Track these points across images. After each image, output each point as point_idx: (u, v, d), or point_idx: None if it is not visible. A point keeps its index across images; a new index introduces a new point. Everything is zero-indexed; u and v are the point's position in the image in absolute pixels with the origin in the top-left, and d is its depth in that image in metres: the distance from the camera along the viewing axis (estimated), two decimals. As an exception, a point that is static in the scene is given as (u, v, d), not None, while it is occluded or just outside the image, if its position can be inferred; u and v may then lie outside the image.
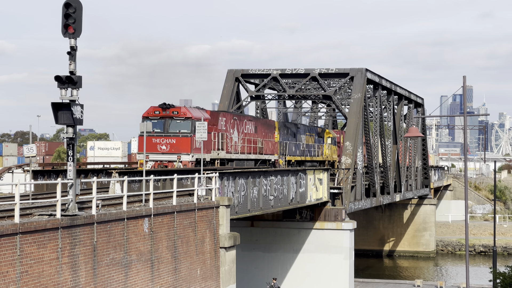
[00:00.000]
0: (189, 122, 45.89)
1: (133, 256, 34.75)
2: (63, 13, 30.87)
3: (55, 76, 31.36)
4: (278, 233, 68.65)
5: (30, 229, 28.20)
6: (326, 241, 68.45)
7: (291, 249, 68.84)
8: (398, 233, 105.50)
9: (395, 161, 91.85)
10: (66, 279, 29.99)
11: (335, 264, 67.61)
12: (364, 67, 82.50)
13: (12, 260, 27.20)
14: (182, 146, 45.82)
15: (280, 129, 64.03)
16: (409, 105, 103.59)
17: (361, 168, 78.90)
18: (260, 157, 57.48)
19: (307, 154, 70.36)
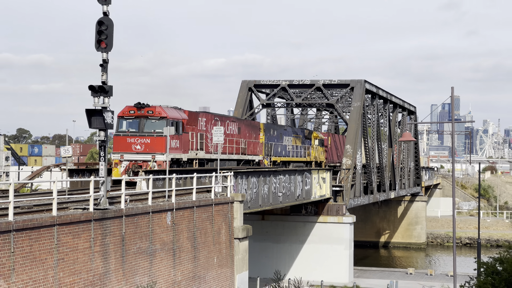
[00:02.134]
0: (164, 122, 42.53)
1: (157, 246, 34.84)
2: (96, 30, 31.01)
3: (89, 85, 31.47)
4: (286, 226, 68.64)
5: (66, 221, 28.33)
6: (328, 233, 68.38)
7: (297, 240, 68.79)
8: (392, 227, 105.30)
9: (390, 162, 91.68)
10: (97, 266, 30.10)
11: (336, 254, 67.49)
12: (363, 79, 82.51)
13: (50, 249, 27.33)
14: (157, 146, 42.61)
15: (265, 130, 61.45)
16: (403, 113, 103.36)
17: (360, 168, 78.91)
18: (243, 157, 54.78)
19: (294, 154, 67.77)
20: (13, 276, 25.29)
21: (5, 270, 24.97)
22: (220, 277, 41.04)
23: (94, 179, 32.19)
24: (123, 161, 41.74)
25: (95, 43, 31.06)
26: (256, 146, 57.24)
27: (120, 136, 42.31)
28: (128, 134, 42.65)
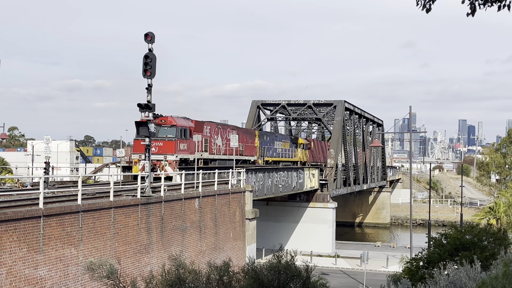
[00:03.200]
0: (174, 129, 40.34)
1: (188, 224, 34.95)
2: (143, 62, 31.10)
3: (137, 103, 31.56)
4: (284, 210, 68.65)
5: (120, 205, 28.48)
6: (316, 215, 68.41)
7: (293, 220, 68.82)
8: (365, 211, 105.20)
9: (363, 162, 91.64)
10: (143, 238, 30.21)
11: (322, 231, 67.53)
12: (343, 99, 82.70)
13: (108, 225, 27.46)
14: (168, 148, 40.05)
15: (259, 136, 59.04)
16: (373, 125, 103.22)
17: (340, 166, 78.91)
18: (241, 158, 51.79)
19: (283, 155, 65.76)
20: (81, 245, 25.43)
21: (75, 241, 25.13)
22: (234, 247, 41.13)
23: (141, 174, 32.42)
24: (141, 160, 39.44)
25: (142, 72, 31.19)
26: (252, 149, 55.35)
27: (139, 140, 39.64)
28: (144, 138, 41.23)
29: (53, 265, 23.76)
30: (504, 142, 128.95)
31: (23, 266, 22.29)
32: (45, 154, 55.91)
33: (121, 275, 9.01)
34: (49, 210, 23.81)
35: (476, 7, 9.16)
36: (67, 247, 24.65)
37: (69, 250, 24.75)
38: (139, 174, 34.20)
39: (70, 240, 24.87)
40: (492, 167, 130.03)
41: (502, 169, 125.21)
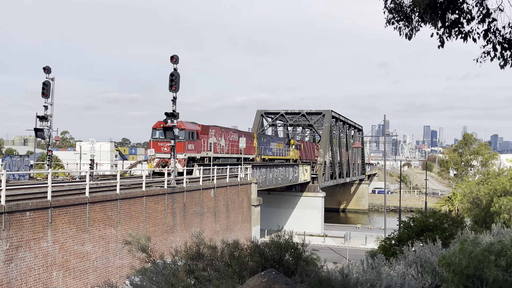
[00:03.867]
0: (183, 132, 38.42)
1: (205, 209, 35.01)
2: (169, 79, 31.22)
3: (165, 112, 31.66)
4: (283, 198, 68.76)
5: (150, 194, 28.54)
6: (308, 203, 68.52)
7: (290, 207, 68.92)
8: (347, 199, 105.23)
9: (346, 159, 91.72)
10: (169, 221, 30.27)
11: (313, 215, 67.67)
12: (330, 109, 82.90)
13: (141, 210, 27.53)
14: (178, 148, 37.46)
15: (258, 138, 56.53)
16: (354, 130, 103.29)
17: (328, 163, 78.94)
18: (241, 156, 48.84)
19: (277, 154, 63.29)
20: (119, 226, 25.49)
21: (114, 223, 25.20)
22: (242, 228, 41.19)
23: (167, 169, 32.50)
24: (155, 158, 38.67)
25: (168, 87, 31.29)
26: (251, 149, 53.33)
27: (153, 141, 39.14)
28: (158, 140, 39.03)
29: (96, 242, 23.86)
30: (460, 144, 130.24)
31: (72, 243, 22.39)
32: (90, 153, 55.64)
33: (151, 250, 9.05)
34: (94, 198, 23.93)
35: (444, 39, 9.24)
36: (108, 228, 24.75)
37: (109, 230, 24.84)
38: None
39: (110, 222, 24.97)
40: (451, 164, 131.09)
41: (459, 165, 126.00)
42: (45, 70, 34.19)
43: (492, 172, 57.62)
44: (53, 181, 27.65)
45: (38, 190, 23.57)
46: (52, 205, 21.29)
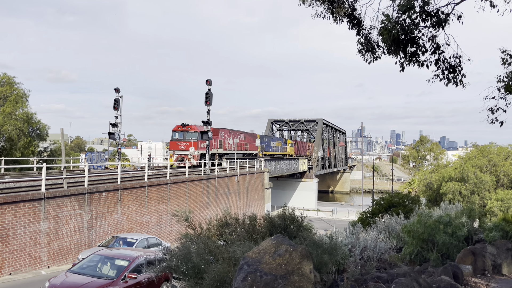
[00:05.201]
0: (196, 133, 36.02)
1: (230, 191, 35.00)
2: (205, 96, 31.24)
3: (202, 120, 31.71)
4: (287, 183, 68.52)
5: (192, 179, 28.58)
6: (306, 186, 68.19)
7: (292, 189, 68.63)
8: (334, 183, 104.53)
9: (334, 154, 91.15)
10: (204, 199, 30.31)
11: (310, 195, 67.30)
12: (322, 118, 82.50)
13: (184, 191, 27.58)
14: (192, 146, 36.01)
15: (260, 138, 53.19)
16: (340, 133, 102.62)
17: (320, 157, 78.49)
18: (246, 152, 46.56)
19: (276, 150, 59.54)
20: (169, 202, 25.58)
21: (165, 200, 25.29)
22: (258, 205, 41.15)
23: (204, 161, 32.51)
24: (174, 155, 36.16)
25: (204, 102, 31.34)
26: (255, 146, 50.28)
27: (173, 141, 36.68)
28: (177, 140, 36.55)
29: (153, 214, 23.98)
30: (418, 143, 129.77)
31: (136, 215, 22.53)
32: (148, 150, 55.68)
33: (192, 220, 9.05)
34: (150, 182, 24.05)
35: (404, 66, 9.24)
36: (160, 204, 24.86)
37: (162, 206, 24.95)
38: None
39: (163, 200, 25.07)
40: (410, 158, 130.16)
41: (416, 159, 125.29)
42: (116, 90, 34.47)
43: (441, 164, 56.96)
44: (121, 170, 27.86)
45: (110, 177, 23.77)
46: (121, 187, 21.45)
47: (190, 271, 5.73)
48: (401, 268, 6.88)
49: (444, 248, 8.53)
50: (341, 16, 9.72)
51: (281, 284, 3.37)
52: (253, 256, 3.76)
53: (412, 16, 8.41)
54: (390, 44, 8.83)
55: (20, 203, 15.92)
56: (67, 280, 11.51)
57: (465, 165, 37.35)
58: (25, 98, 39.52)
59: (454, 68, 9.12)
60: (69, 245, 18.08)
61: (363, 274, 6.90)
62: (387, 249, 9.54)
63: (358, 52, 9.83)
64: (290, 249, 3.72)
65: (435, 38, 8.90)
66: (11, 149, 37.41)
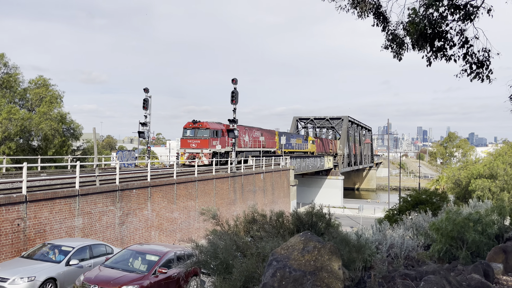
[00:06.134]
0: (208, 131, 34.49)
1: (256, 188, 35.04)
2: (231, 95, 31.33)
3: (228, 119, 31.82)
4: (313, 180, 68.12)
5: (218, 177, 28.73)
6: (331, 183, 67.59)
7: (317, 186, 68.19)
8: (360, 181, 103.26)
9: (359, 152, 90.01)
10: (231, 196, 30.44)
11: (335, 193, 66.72)
12: (347, 115, 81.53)
13: (212, 188, 27.74)
14: (204, 144, 34.35)
15: (279, 135, 50.83)
16: (365, 130, 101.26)
17: (346, 154, 77.65)
18: (263, 150, 44.32)
19: (296, 148, 56.56)
20: (197, 199, 25.83)
21: (193, 197, 25.53)
22: (284, 202, 41.07)
23: (230, 159, 32.64)
24: (185, 153, 34.51)
25: (230, 101, 31.44)
26: (273, 143, 47.68)
27: (183, 139, 35.05)
28: (188, 138, 34.92)
29: (181, 211, 24.27)
30: (446, 140, 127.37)
31: (165, 211, 22.86)
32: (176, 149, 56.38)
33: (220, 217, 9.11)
34: (179, 180, 24.33)
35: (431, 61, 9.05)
36: (189, 201, 25.12)
37: (190, 202, 25.21)
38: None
39: (191, 197, 25.32)
40: (438, 155, 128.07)
41: (444, 156, 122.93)
42: (145, 90, 35.02)
43: (470, 161, 55.46)
44: (151, 168, 28.34)
45: (140, 174, 24.19)
46: (150, 185, 21.79)
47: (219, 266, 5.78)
48: (429, 266, 6.74)
49: (473, 246, 8.30)
50: (366, 11, 9.58)
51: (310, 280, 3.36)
52: (281, 252, 3.76)
53: (439, 9, 8.21)
54: (417, 38, 8.66)
55: (56, 199, 16.40)
56: (101, 274, 11.80)
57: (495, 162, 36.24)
58: (59, 99, 40.67)
59: (482, 63, 8.87)
60: (102, 240, 18.50)
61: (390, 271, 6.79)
62: (414, 246, 9.35)
63: (385, 48, 9.69)
64: (319, 245, 3.70)
65: (464, 32, 8.67)
66: (47, 148, 38.59)
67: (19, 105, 39.52)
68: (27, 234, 15.16)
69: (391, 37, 9.63)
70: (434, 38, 8.76)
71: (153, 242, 20.74)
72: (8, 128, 35.38)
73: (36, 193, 15.70)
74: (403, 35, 9.46)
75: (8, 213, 14.54)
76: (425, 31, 8.54)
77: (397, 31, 9.59)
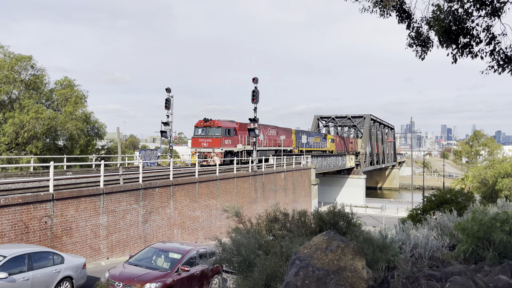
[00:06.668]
0: (219, 129, 33.14)
1: (278, 187, 35.00)
2: (252, 94, 31.37)
3: (249, 118, 31.86)
4: (334, 179, 67.58)
5: (239, 176, 28.81)
6: (353, 183, 66.92)
7: (339, 185, 67.61)
8: (383, 180, 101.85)
9: (382, 150, 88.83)
10: (252, 195, 30.50)
11: (357, 192, 66.01)
12: (370, 113, 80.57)
13: (233, 187, 27.84)
14: (215, 143, 32.90)
15: (296, 133, 49.29)
16: (388, 128, 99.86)
17: (368, 153, 76.76)
18: (279, 148, 42.62)
19: (314, 146, 54.48)
20: (218, 198, 25.98)
21: (215, 196, 25.70)
22: (305, 201, 40.92)
23: (251, 158, 32.70)
24: (196, 152, 33.20)
25: (251, 100, 31.49)
26: (289, 142, 46.04)
27: (195, 138, 33.78)
28: (199, 136, 33.53)
29: (203, 209, 24.46)
30: (472, 138, 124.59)
31: (187, 209, 23.08)
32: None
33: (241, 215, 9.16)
34: (201, 179, 24.52)
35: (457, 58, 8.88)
36: (210, 199, 25.29)
37: (211, 201, 25.38)
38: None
39: (212, 195, 25.49)
40: (463, 153, 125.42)
41: (469, 155, 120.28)
42: (167, 90, 35.42)
43: (496, 159, 54.12)
44: (173, 167, 28.65)
45: (163, 173, 24.48)
46: (173, 183, 22.04)
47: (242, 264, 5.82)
48: (455, 266, 6.62)
49: (501, 246, 8.10)
50: (389, 10, 9.45)
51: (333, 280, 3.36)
52: (304, 251, 3.76)
53: (465, 5, 8.04)
54: (441, 35, 8.51)
55: (81, 198, 16.78)
56: (125, 271, 12.02)
57: (523, 161, 35.21)
58: (84, 99, 41.53)
59: (510, 59, 8.65)
60: (126, 238, 18.83)
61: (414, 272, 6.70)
62: (439, 246, 9.18)
63: (409, 46, 9.56)
64: (342, 245, 3.69)
65: (490, 28, 8.47)
66: (72, 147, 39.48)
67: (45, 106, 40.55)
68: (54, 231, 15.56)
69: (415, 35, 9.49)
70: (459, 35, 8.60)
71: (175, 240, 20.98)
72: (35, 128, 36.35)
73: (62, 191, 16.09)
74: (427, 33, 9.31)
75: (36, 210, 14.95)
76: (450, 28, 8.39)
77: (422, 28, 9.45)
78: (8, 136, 35.28)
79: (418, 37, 9.47)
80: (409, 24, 9.44)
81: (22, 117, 35.78)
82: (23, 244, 12.58)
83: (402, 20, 9.51)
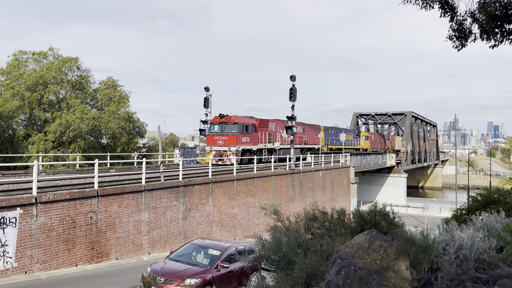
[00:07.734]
0: (236, 126, 31.02)
1: (315, 185, 34.76)
2: (289, 92, 31.27)
3: (286, 116, 31.80)
4: (374, 178, 66.32)
5: (277, 174, 28.82)
6: (394, 181, 65.41)
7: (379, 184, 66.27)
8: (425, 179, 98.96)
9: (424, 148, 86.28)
10: (290, 193, 30.43)
11: (398, 191, 64.46)
12: (411, 110, 78.45)
13: (271, 185, 27.88)
14: (231, 141, 30.83)
15: (325, 130, 46.94)
16: (430, 126, 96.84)
17: (409, 151, 74.82)
18: (305, 146, 40.35)
19: (346, 144, 52.06)
20: (256, 195, 26.11)
21: (253, 193, 25.82)
22: (343, 200, 40.42)
23: (289, 156, 32.64)
24: (212, 150, 31.28)
25: (288, 98, 31.39)
26: (317, 140, 43.69)
27: (210, 135, 31.76)
28: (215, 134, 31.38)
29: (241, 207, 24.67)
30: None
31: (226, 207, 23.35)
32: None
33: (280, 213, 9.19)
34: (239, 176, 24.73)
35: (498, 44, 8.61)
36: (248, 197, 25.47)
37: (250, 199, 25.55)
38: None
39: (250, 193, 25.65)
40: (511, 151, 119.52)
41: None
42: (205, 89, 35.93)
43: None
44: (212, 165, 29.02)
45: (202, 171, 24.88)
46: (212, 181, 22.36)
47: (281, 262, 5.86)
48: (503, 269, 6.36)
49: (554, 250, 7.70)
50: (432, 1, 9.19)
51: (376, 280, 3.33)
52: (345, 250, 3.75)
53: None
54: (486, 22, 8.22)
55: (124, 194, 17.34)
56: (166, 266, 12.35)
57: None
58: (126, 99, 42.85)
59: None
60: (167, 234, 19.30)
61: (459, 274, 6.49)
62: (485, 248, 8.84)
63: (449, 39, 9.28)
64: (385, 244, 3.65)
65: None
66: (115, 145, 40.85)
67: (90, 105, 42.17)
68: (99, 226, 16.19)
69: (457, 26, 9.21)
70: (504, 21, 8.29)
71: (214, 237, 21.30)
72: (80, 127, 37.88)
73: (106, 188, 16.70)
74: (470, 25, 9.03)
75: (82, 206, 15.60)
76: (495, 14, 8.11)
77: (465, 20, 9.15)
78: (55, 134, 36.97)
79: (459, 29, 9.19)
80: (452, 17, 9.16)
81: (68, 116, 37.39)
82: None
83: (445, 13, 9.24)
